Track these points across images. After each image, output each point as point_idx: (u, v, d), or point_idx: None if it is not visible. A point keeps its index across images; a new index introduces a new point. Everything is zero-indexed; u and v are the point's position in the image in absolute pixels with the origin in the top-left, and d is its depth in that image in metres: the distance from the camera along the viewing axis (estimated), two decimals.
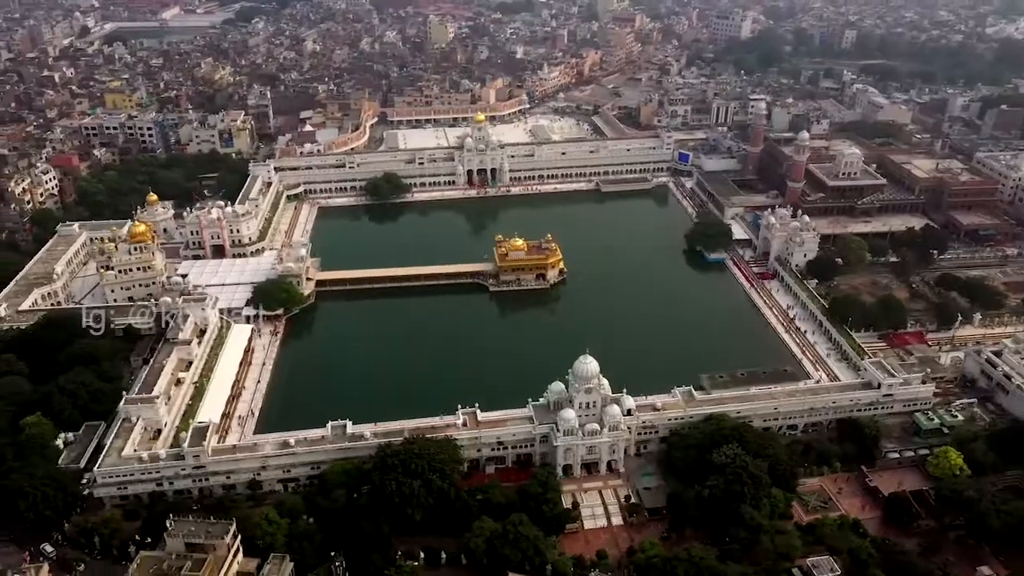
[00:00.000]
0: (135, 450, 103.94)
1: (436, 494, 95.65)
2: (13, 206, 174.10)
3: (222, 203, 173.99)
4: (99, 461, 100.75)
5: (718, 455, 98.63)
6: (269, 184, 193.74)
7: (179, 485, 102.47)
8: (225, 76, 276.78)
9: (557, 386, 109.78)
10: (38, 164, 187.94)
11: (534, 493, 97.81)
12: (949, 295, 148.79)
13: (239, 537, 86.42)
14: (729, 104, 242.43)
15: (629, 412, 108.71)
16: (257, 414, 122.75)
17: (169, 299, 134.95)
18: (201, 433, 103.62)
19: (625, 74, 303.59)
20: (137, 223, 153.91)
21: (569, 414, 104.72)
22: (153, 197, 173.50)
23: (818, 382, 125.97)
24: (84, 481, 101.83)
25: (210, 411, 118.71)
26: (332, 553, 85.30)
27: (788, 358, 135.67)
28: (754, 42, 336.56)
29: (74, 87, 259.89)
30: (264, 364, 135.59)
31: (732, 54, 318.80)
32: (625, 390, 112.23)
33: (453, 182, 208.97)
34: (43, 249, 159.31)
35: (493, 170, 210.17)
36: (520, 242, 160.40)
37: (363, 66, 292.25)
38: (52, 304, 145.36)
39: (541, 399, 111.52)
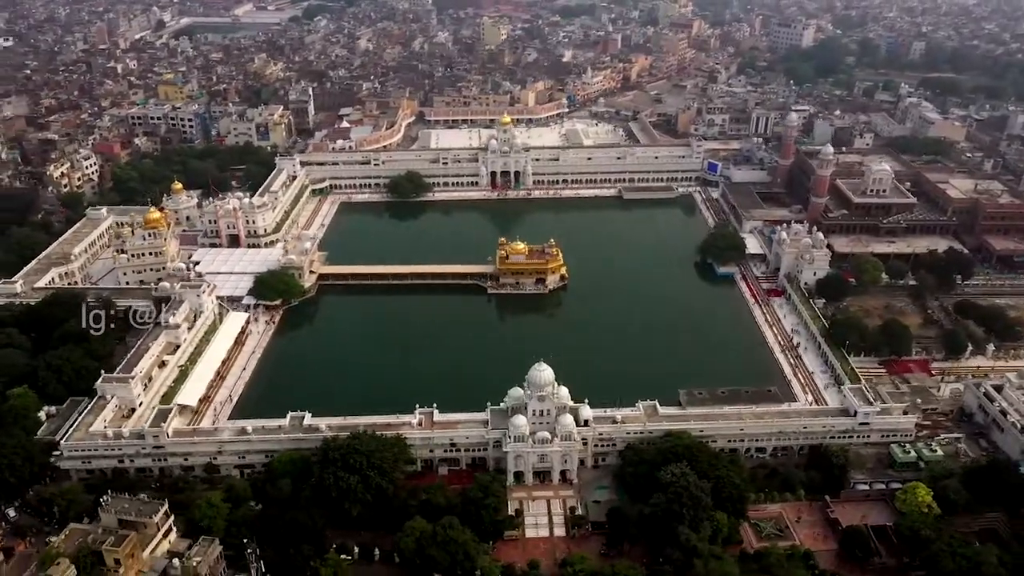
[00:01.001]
0: (105, 426, 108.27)
1: (374, 491, 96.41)
2: (51, 188, 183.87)
3: (241, 194, 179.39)
4: (66, 435, 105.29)
5: (665, 473, 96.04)
6: (294, 178, 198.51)
7: (140, 463, 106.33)
8: (276, 72, 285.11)
9: (516, 392, 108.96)
10: (80, 150, 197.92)
11: (474, 497, 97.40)
12: (966, 323, 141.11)
13: (171, 517, 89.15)
14: (770, 114, 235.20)
15: (586, 423, 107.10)
16: (235, 400, 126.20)
17: (168, 284, 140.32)
18: (163, 415, 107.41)
19: (672, 80, 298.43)
20: (152, 210, 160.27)
21: (520, 420, 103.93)
22: (178, 186, 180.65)
23: (811, 405, 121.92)
24: (56, 453, 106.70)
25: (190, 394, 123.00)
26: (244, 540, 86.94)
27: (779, 379, 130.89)
28: (814, 51, 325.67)
29: (133, 78, 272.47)
30: (253, 352, 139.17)
31: (789, 63, 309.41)
32: (587, 400, 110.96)
33: (476, 183, 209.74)
34: (70, 231, 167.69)
35: (517, 173, 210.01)
36: (521, 245, 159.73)
37: (409, 65, 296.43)
38: (69, 283, 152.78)
39: (502, 403, 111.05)
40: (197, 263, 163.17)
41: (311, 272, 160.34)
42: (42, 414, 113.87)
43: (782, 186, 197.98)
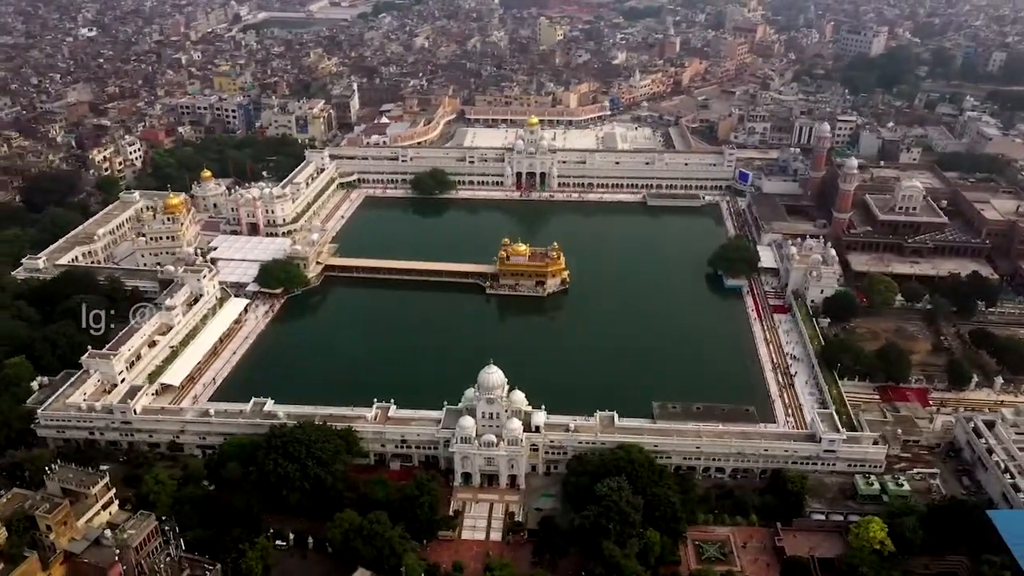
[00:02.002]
0: (85, 399, 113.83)
1: (312, 480, 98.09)
2: (92, 172, 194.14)
3: (264, 184, 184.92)
4: (45, 405, 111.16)
5: (601, 485, 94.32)
6: (322, 170, 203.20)
7: (109, 437, 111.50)
8: (329, 67, 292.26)
9: (472, 392, 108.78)
10: (126, 136, 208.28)
11: (410, 495, 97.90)
12: (979, 353, 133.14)
13: (112, 490, 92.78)
14: (814, 124, 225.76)
15: (537, 429, 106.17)
16: (219, 383, 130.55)
17: (172, 267, 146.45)
18: (133, 392, 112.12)
19: (723, 86, 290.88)
20: (172, 196, 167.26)
21: (467, 422, 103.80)
22: (207, 174, 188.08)
23: (788, 429, 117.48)
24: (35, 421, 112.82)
25: (176, 374, 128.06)
26: (163, 518, 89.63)
27: (763, 399, 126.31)
28: (882, 60, 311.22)
29: (194, 69, 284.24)
30: (247, 338, 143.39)
31: (852, 71, 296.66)
32: (544, 406, 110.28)
33: (501, 183, 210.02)
34: (101, 212, 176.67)
35: (543, 174, 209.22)
36: (523, 247, 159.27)
37: (458, 64, 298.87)
38: (91, 262, 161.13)
39: (460, 403, 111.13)
40: (214, 248, 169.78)
41: (317, 263, 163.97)
42: (35, 384, 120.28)
43: (812, 199, 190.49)
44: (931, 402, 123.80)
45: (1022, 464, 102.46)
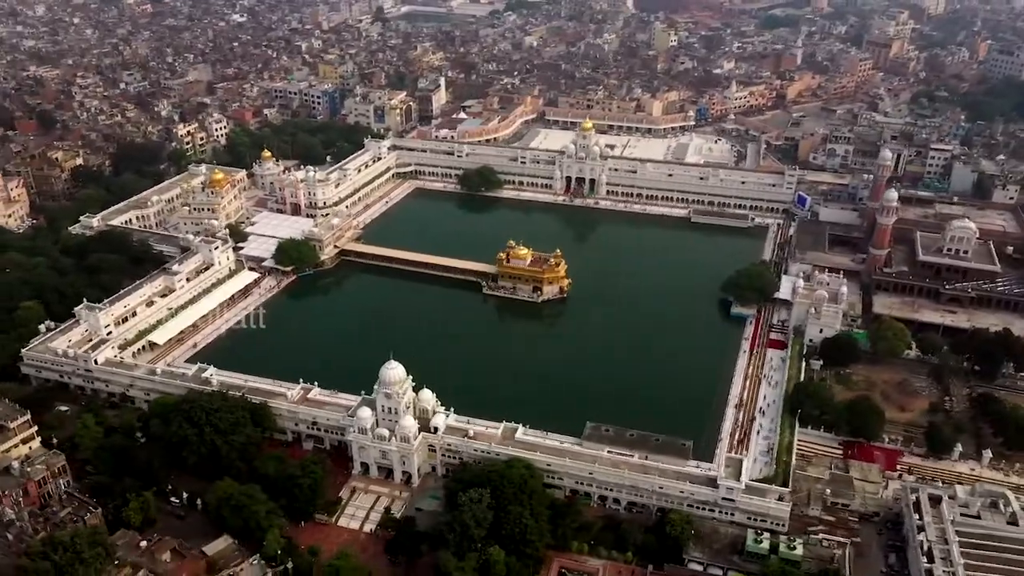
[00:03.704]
0: (68, 346, 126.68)
1: (208, 445, 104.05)
2: (174, 144, 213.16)
3: (313, 168, 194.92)
4: (29, 347, 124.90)
5: (463, 495, 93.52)
6: (378, 159, 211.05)
7: (76, 382, 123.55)
8: (432, 60, 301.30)
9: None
10: (213, 114, 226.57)
11: (291, 475, 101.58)
12: (981, 420, 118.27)
13: (33, 427, 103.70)
14: (903, 150, 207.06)
15: (435, 430, 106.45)
16: (200, 347, 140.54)
17: (191, 236, 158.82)
18: (97, 344, 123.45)
19: (829, 103, 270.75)
20: (217, 171, 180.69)
21: (365, 413, 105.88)
22: (267, 154, 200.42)
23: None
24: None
25: (163, 334, 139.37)
26: (54, 451, 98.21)
27: (711, 435, 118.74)
28: None
29: (307, 56, 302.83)
30: (244, 309, 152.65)
31: (988, 96, 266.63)
32: (453, 409, 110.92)
33: (549, 186, 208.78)
34: (167, 181, 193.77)
35: (592, 180, 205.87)
36: (524, 251, 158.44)
37: (554, 64, 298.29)
38: (142, 225, 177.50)
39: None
40: (254, 223, 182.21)
41: (335, 247, 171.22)
42: (43, 327, 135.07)
43: (866, 230, 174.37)
44: (898, 467, 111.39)
45: (952, 551, 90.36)
